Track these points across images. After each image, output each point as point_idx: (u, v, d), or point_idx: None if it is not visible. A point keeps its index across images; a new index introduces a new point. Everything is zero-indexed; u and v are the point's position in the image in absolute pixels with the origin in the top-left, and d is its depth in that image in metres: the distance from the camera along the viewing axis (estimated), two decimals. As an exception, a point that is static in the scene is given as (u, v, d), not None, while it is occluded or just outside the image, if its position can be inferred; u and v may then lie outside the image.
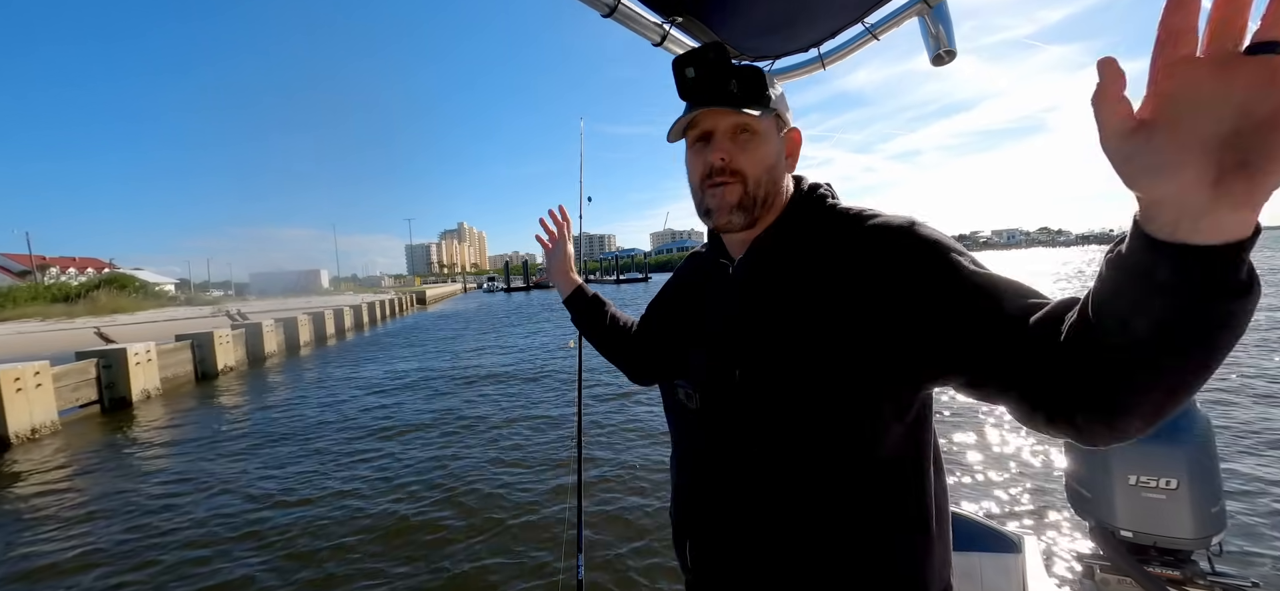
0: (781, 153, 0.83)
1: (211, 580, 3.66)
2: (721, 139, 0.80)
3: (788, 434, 0.75)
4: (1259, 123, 0.35)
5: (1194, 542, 1.39)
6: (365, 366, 12.82)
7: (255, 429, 7.55)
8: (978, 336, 0.61)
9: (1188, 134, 0.37)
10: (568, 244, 1.35)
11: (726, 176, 0.79)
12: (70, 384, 8.65)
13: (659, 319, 1.12)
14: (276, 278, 77.82)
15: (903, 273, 0.68)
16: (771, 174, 0.81)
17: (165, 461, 6.31)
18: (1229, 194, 0.37)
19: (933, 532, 0.77)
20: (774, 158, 0.81)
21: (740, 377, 0.78)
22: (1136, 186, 0.40)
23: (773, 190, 0.82)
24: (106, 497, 5.25)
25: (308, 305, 26.46)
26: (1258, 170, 0.36)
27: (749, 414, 0.78)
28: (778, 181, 0.83)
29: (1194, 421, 1.42)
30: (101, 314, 24.84)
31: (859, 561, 0.74)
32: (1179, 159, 0.37)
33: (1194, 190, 0.38)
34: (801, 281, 0.77)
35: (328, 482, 5.31)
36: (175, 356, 11.27)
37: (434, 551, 3.91)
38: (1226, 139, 0.36)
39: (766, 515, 0.77)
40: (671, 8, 1.22)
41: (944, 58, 1.39)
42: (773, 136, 0.81)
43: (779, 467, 0.76)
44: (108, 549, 4.18)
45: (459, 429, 7.02)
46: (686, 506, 0.90)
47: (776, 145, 0.82)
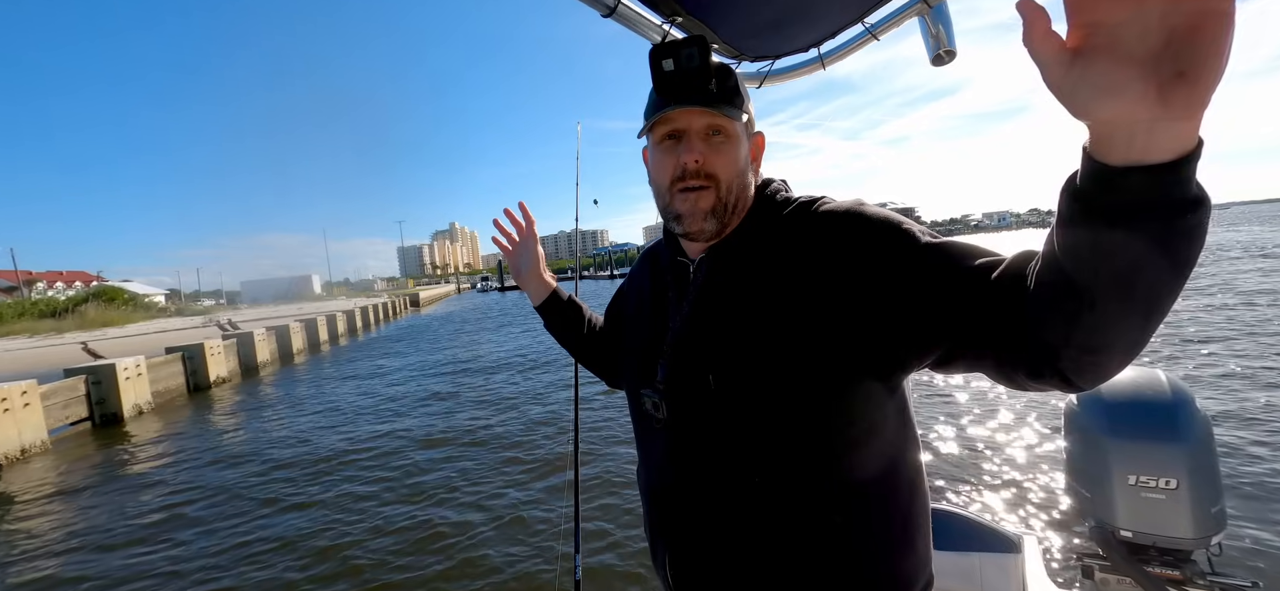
0: (748, 156, 0.81)
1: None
2: (695, 140, 0.76)
3: (766, 438, 0.73)
4: (1183, 33, 0.36)
5: (1194, 542, 1.39)
6: (360, 371, 12.75)
7: (249, 439, 7.49)
8: (942, 302, 0.61)
9: (1121, 54, 0.38)
10: (535, 243, 1.20)
11: (700, 180, 0.76)
12: (59, 402, 8.55)
13: (619, 321, 1.08)
14: (267, 285, 77.41)
15: (857, 254, 0.68)
16: (742, 179, 0.79)
17: (157, 477, 6.24)
18: (1171, 105, 0.38)
19: (914, 530, 0.77)
20: (744, 162, 0.79)
21: (715, 385, 0.75)
22: (1085, 115, 0.41)
23: (742, 195, 0.79)
24: (97, 516, 5.19)
25: (300, 312, 26.28)
26: (1194, 78, 0.36)
27: (724, 421, 0.75)
28: (746, 187, 0.80)
29: (1194, 421, 1.41)
30: (90, 328, 24.57)
31: (843, 561, 0.72)
32: (1120, 80, 0.38)
33: (1139, 107, 0.39)
34: (762, 280, 0.75)
35: (323, 487, 5.28)
36: (166, 369, 11.16)
37: (433, 551, 3.90)
38: (1159, 52, 0.37)
39: (747, 523, 0.75)
40: (671, 8, 1.19)
41: (944, 58, 1.37)
42: (742, 140, 0.79)
43: (758, 473, 0.74)
44: (99, 568, 4.12)
45: (457, 428, 7.00)
46: (659, 515, 0.87)
47: (745, 148, 0.80)
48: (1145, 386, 1.51)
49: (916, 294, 0.63)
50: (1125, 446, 1.46)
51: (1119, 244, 0.43)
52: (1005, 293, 0.55)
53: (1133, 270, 0.44)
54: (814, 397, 0.70)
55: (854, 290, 0.67)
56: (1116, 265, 0.44)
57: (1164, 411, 1.45)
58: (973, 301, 0.58)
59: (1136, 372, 1.56)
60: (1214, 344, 7.57)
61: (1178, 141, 0.40)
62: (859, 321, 0.67)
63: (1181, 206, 0.41)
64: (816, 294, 0.69)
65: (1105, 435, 1.49)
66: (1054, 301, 0.50)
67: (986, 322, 0.57)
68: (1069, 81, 0.40)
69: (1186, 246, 0.43)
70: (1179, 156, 0.40)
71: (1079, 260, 0.46)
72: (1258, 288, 12.25)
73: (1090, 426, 1.54)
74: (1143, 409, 1.48)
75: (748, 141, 0.81)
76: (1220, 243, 28.14)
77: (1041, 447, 4.90)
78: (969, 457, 4.88)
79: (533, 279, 1.20)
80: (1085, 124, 0.43)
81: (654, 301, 0.91)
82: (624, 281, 1.10)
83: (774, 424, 0.72)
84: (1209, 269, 16.41)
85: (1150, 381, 1.52)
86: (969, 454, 4.95)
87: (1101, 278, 0.46)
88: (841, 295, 0.67)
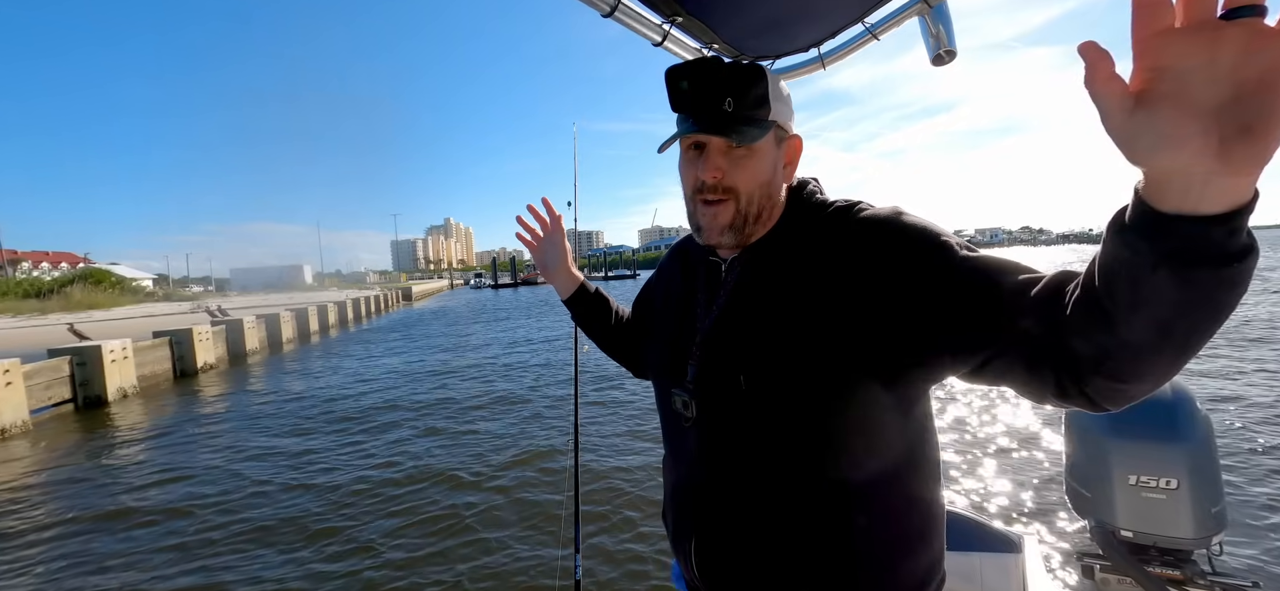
0: (779, 163, 0.79)
1: (188, 580, 3.56)
2: (714, 153, 0.75)
3: (795, 439, 0.73)
4: (1253, 86, 0.35)
5: (1194, 542, 1.39)
6: (350, 362, 12.63)
7: (236, 426, 7.39)
8: (978, 315, 0.61)
9: (1187, 105, 0.37)
10: (562, 237, 1.22)
11: (718, 194, 0.75)
12: (42, 382, 8.40)
13: (648, 313, 1.08)
14: (258, 273, 76.56)
15: (896, 262, 0.68)
16: (766, 189, 0.77)
17: (141, 460, 6.14)
18: (1231, 160, 0.37)
19: (932, 529, 0.78)
20: (769, 172, 0.77)
21: (746, 385, 0.75)
22: (1143, 162, 0.41)
23: (767, 204, 0.78)
24: (77, 498, 5.09)
25: (290, 301, 26.03)
26: (1259, 134, 0.36)
27: (755, 422, 0.76)
28: (773, 195, 0.79)
29: (1194, 421, 1.42)
30: (76, 310, 24.19)
31: (866, 558, 0.74)
32: (1183, 131, 0.37)
33: (1199, 160, 0.38)
34: (797, 283, 0.74)
35: (314, 480, 5.21)
36: (153, 353, 10.99)
37: (433, 550, 3.86)
38: (1226, 105, 0.36)
39: (774, 520, 0.76)
40: (672, 8, 1.19)
41: (944, 58, 1.38)
42: (770, 150, 0.77)
43: (786, 472, 0.75)
44: (76, 551, 4.04)
45: (455, 428, 6.93)
46: (687, 510, 0.87)
47: (773, 158, 0.78)
48: None
49: (953, 307, 0.63)
50: (1126, 446, 1.46)
51: (1161, 288, 0.43)
52: (1043, 312, 0.56)
53: (1173, 314, 0.44)
54: (843, 402, 0.71)
55: (890, 299, 0.67)
56: (1157, 308, 0.44)
57: (1165, 411, 1.46)
58: (1008, 318, 0.58)
59: None
60: (1217, 345, 7.67)
61: (1233, 194, 0.39)
62: (892, 330, 0.67)
63: (1229, 257, 0.41)
64: (852, 300, 0.69)
65: (1106, 435, 1.50)
66: (1089, 331, 0.51)
67: (1021, 339, 0.57)
68: (1130, 128, 0.39)
69: (1229, 294, 0.43)
70: (1232, 209, 0.40)
71: (1118, 297, 0.47)
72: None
73: (1091, 426, 1.54)
74: (1143, 409, 1.48)
75: (779, 149, 0.79)
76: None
77: (1041, 447, 4.94)
78: (969, 457, 4.91)
79: (561, 273, 1.22)
80: (1140, 169, 0.42)
81: (683, 298, 0.91)
82: (653, 274, 1.11)
83: (804, 426, 0.73)
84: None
85: None
86: (969, 454, 4.98)
87: (1140, 316, 0.46)
88: (877, 303, 0.68)
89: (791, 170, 0.83)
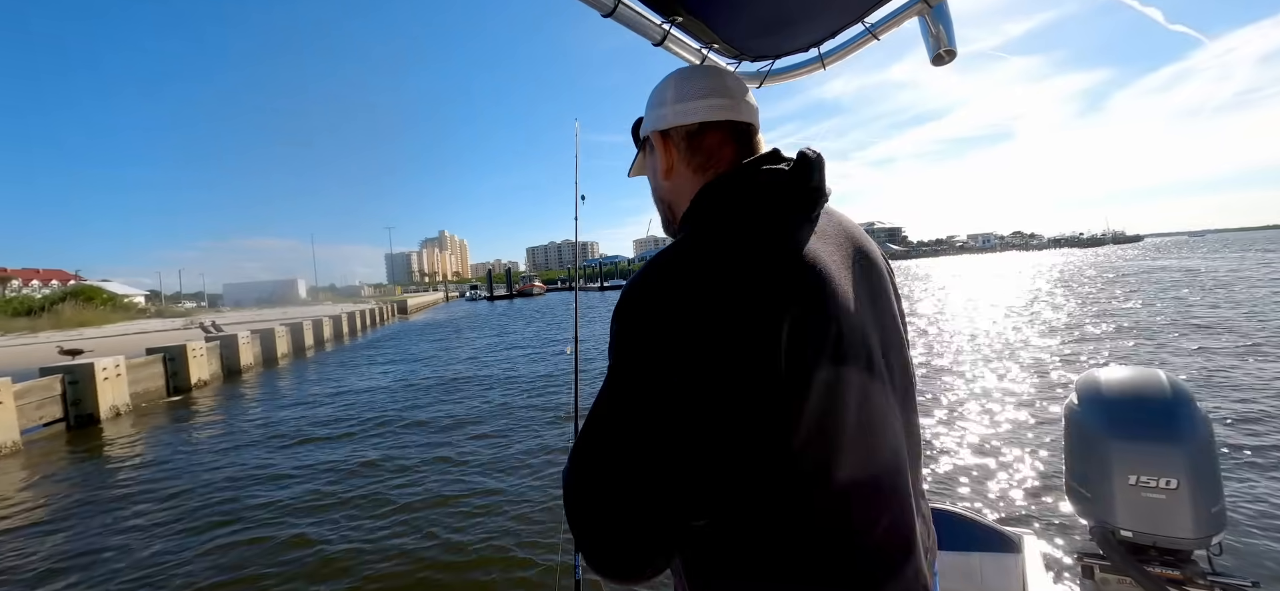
0: (656, 166, 0.78)
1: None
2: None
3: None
4: None
5: (1194, 542, 1.39)
6: (346, 375, 12.55)
7: (230, 442, 7.31)
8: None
9: None
10: None
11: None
12: (33, 401, 8.30)
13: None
14: (251, 288, 76.16)
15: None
16: (659, 193, 0.81)
17: (134, 480, 6.06)
18: None
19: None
20: (655, 181, 0.81)
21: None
22: None
23: (674, 203, 0.77)
24: (69, 520, 5.02)
25: (284, 316, 25.88)
26: None
27: None
28: (672, 198, 0.77)
29: (1194, 421, 1.42)
30: (67, 327, 23.96)
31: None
32: None
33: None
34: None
35: (313, 489, 5.16)
36: (146, 370, 10.89)
37: (433, 551, 3.84)
38: None
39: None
40: (671, 8, 1.20)
41: (944, 57, 1.38)
42: (645, 162, 0.84)
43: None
44: (65, 568, 3.98)
45: (455, 430, 6.91)
46: None
47: (652, 166, 0.80)
48: (1146, 386, 1.52)
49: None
50: (1125, 446, 1.46)
51: None
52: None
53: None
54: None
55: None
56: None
57: (1164, 411, 1.46)
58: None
59: (1137, 372, 1.57)
60: (1217, 347, 7.71)
61: None
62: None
63: None
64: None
65: (1105, 435, 1.50)
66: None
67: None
68: None
69: None
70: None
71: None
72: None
73: (1090, 426, 1.54)
74: (1143, 408, 1.48)
75: (654, 156, 0.78)
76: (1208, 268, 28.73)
77: (1041, 447, 4.95)
78: (969, 458, 4.91)
79: None
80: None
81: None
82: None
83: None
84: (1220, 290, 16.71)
85: (1151, 381, 1.53)
86: (969, 454, 4.99)
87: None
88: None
89: (668, 160, 0.76)
